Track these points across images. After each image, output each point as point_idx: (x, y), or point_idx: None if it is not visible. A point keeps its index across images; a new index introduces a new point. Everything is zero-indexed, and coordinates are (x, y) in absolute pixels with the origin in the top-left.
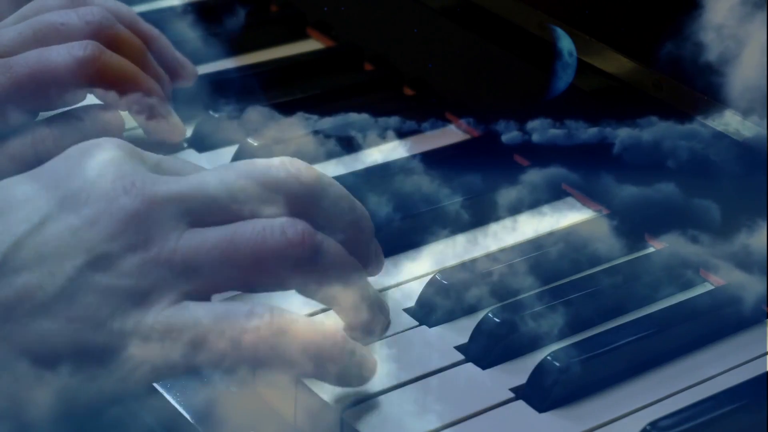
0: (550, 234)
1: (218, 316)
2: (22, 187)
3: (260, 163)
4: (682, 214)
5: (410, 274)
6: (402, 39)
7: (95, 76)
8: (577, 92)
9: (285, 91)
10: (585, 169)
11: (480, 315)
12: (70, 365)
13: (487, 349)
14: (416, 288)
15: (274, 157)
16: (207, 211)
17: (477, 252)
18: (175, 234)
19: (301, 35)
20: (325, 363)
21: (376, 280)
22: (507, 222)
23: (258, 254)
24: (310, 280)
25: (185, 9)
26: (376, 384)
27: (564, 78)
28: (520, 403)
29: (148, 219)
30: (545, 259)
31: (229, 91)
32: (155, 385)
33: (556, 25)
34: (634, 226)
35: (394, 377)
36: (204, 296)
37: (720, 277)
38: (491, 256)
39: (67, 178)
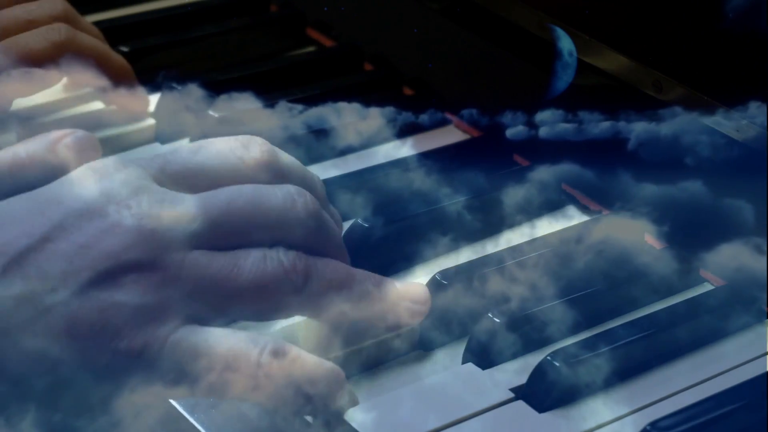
0: (550, 234)
1: (230, 345)
2: (24, 203)
3: (265, 191)
4: (680, 214)
5: (409, 274)
6: (402, 39)
7: (71, 57)
8: (577, 92)
9: (285, 91)
10: (585, 170)
11: (479, 315)
12: (73, 381)
13: (487, 350)
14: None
15: (284, 183)
16: (211, 235)
17: (476, 252)
18: (179, 255)
19: (301, 35)
20: (323, 400)
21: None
22: (506, 222)
23: (259, 282)
24: (308, 302)
25: (185, 9)
26: (376, 383)
27: (564, 78)
28: (520, 403)
29: (152, 238)
30: (545, 259)
31: (229, 91)
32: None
33: (556, 25)
34: (635, 226)
35: (395, 377)
36: (206, 321)
37: (720, 277)
38: (491, 257)
39: (71, 197)
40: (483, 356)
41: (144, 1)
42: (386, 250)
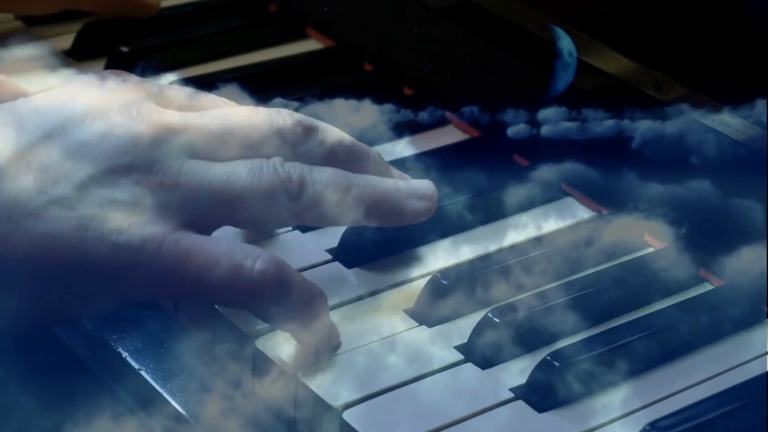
0: (550, 234)
1: (226, 251)
2: (27, 105)
3: (263, 112)
4: (681, 214)
5: (409, 274)
6: (402, 39)
7: None
8: (577, 92)
9: (285, 91)
10: (585, 169)
11: (479, 315)
12: (70, 274)
13: (486, 350)
14: (416, 288)
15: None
16: (208, 147)
17: (475, 252)
18: (177, 162)
19: (300, 35)
20: (310, 323)
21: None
22: (506, 222)
23: (254, 189)
24: (304, 210)
25: (185, 9)
26: (376, 383)
27: (564, 78)
28: (520, 403)
29: (152, 143)
30: (545, 259)
31: (229, 91)
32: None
33: (556, 25)
34: (634, 225)
35: (395, 377)
36: (201, 229)
37: (720, 277)
38: (491, 256)
39: (73, 102)
40: (483, 356)
41: None
42: (386, 249)
